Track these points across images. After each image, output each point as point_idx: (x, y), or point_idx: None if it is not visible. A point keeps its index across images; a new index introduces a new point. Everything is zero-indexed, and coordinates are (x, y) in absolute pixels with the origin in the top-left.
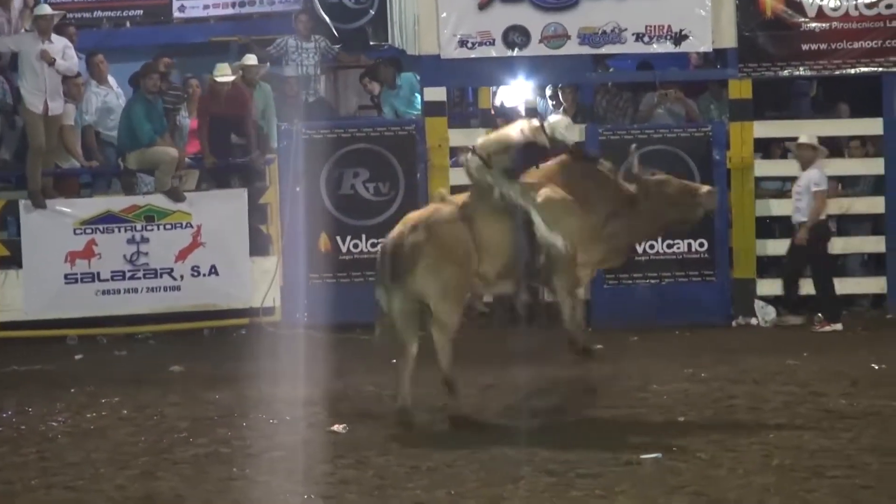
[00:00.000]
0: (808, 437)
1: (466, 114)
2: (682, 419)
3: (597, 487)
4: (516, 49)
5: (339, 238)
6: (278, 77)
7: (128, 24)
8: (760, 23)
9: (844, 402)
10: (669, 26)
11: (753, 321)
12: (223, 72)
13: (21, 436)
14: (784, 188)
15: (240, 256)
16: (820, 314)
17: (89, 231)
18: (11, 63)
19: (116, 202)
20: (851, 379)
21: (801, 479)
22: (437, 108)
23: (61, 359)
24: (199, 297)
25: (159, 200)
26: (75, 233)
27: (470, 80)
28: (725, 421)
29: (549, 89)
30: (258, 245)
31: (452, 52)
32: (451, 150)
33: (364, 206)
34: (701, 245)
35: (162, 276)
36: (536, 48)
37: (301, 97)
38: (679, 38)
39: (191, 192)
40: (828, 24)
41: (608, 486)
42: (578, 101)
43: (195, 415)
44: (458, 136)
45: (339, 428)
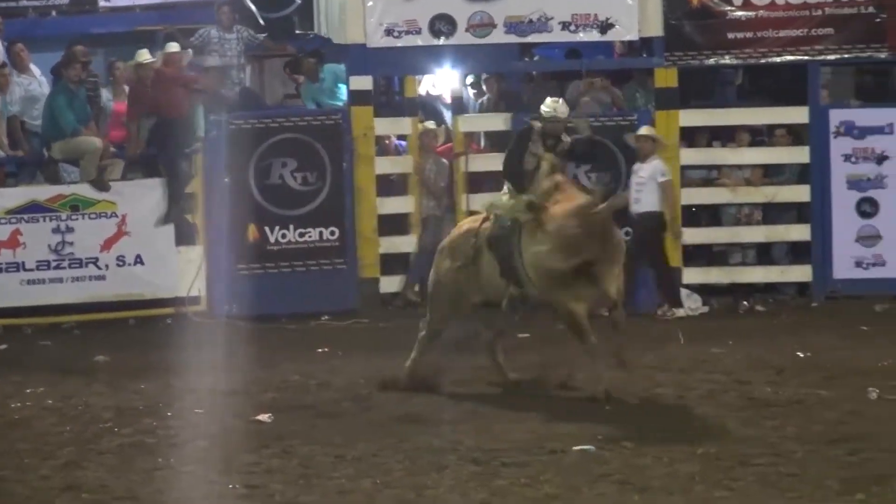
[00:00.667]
0: (733, 426)
1: (392, 103)
2: (607, 408)
3: (522, 476)
4: (442, 38)
5: (267, 228)
6: (200, 68)
7: (53, 13)
8: (686, 11)
9: (769, 391)
10: (596, 15)
11: (680, 312)
12: (143, 56)
13: None
14: (710, 176)
15: (165, 246)
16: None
17: (14, 221)
18: None
19: (41, 192)
20: (776, 367)
21: (726, 467)
22: (363, 98)
23: None
24: (125, 286)
25: (84, 190)
26: (0, 222)
27: (396, 69)
28: (651, 410)
29: (471, 78)
30: (184, 235)
31: (378, 40)
32: (376, 138)
33: (292, 196)
34: (626, 234)
35: (87, 266)
36: (463, 37)
37: (223, 88)
38: (605, 27)
39: (116, 182)
40: (754, 13)
41: (533, 475)
42: (504, 90)
43: (120, 405)
44: (383, 125)
45: (264, 417)
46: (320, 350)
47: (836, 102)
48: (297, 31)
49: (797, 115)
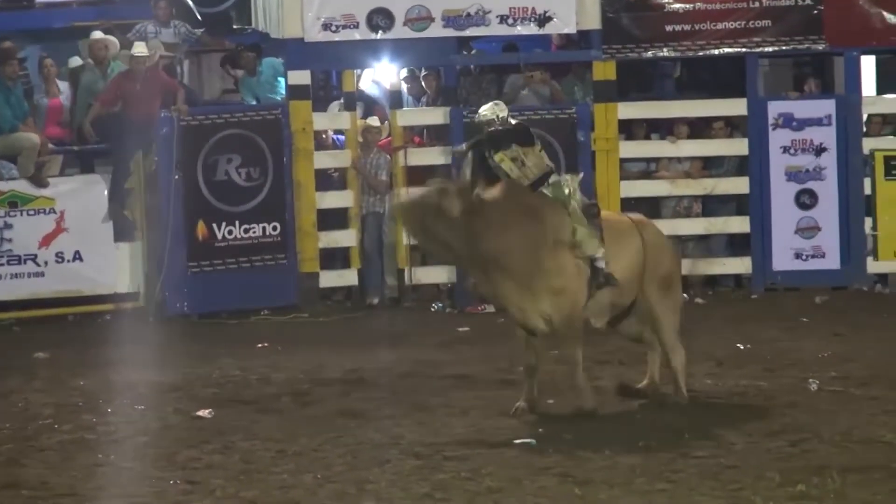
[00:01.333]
0: (674, 418)
1: (330, 97)
2: (549, 401)
3: (463, 470)
4: (380, 32)
5: (215, 225)
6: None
7: None
8: (624, 4)
9: (710, 383)
10: (533, 8)
11: None
12: (139, 49)
13: None
14: (649, 169)
15: (104, 242)
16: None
17: None
18: None
19: None
20: (717, 359)
21: (666, 459)
22: (301, 92)
23: None
24: (64, 283)
25: (22, 186)
26: None
27: (334, 64)
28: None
29: (405, 72)
30: (123, 231)
31: (316, 35)
32: (314, 133)
33: (237, 192)
34: None
35: (26, 263)
36: (400, 31)
37: None
38: (543, 20)
39: (54, 178)
40: (691, 5)
41: (475, 469)
42: (442, 84)
43: (60, 401)
44: (322, 120)
45: (204, 413)
46: (260, 345)
47: (775, 94)
48: (234, 26)
49: (735, 107)
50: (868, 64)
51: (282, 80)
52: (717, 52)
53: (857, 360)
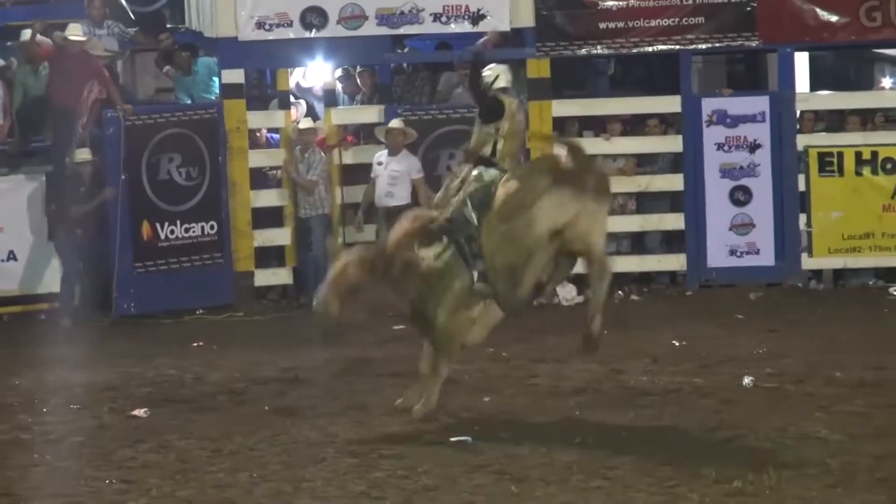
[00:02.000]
0: (610, 415)
1: (265, 96)
2: (486, 399)
3: (399, 468)
4: (314, 30)
5: (158, 225)
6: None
7: None
8: (557, 1)
9: (645, 380)
10: (467, 6)
11: (555, 300)
12: (75, 31)
13: None
14: None
15: (39, 242)
16: None
17: None
18: None
19: None
20: (652, 356)
21: (603, 456)
22: (234, 91)
23: None
24: None
25: None
26: None
27: (268, 62)
28: (528, 400)
29: (340, 71)
30: (58, 230)
31: (250, 33)
32: (249, 132)
33: (178, 192)
34: None
35: None
36: (334, 29)
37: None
38: (477, 18)
39: None
40: (625, 3)
41: (411, 467)
42: (378, 84)
43: None
44: (256, 119)
45: (140, 412)
46: (196, 344)
47: (708, 91)
48: (168, 25)
49: (670, 104)
50: (801, 61)
51: (216, 79)
52: (650, 49)
53: (792, 356)
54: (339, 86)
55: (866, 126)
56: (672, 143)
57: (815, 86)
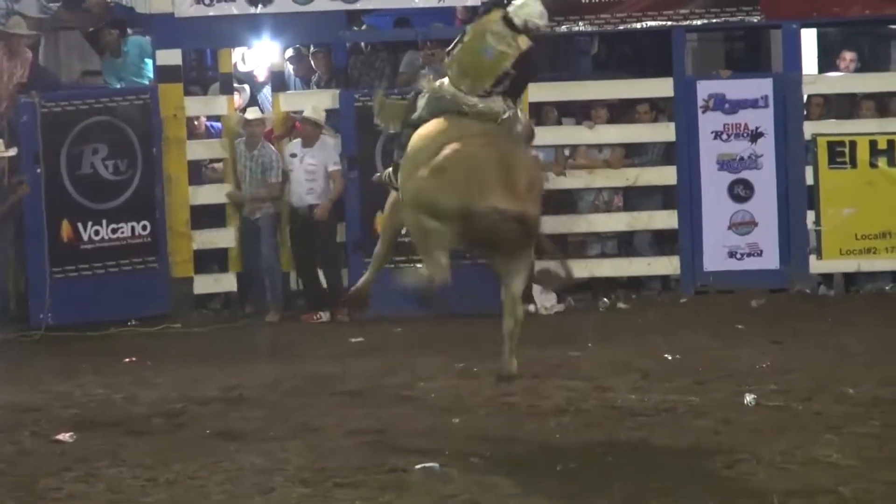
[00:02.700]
0: (596, 438)
1: (205, 80)
2: (455, 420)
3: (357, 498)
4: (260, 6)
5: (80, 224)
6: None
7: None
8: None
9: (634, 398)
10: None
11: (531, 308)
12: (18, 25)
13: None
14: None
15: None
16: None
17: None
18: None
19: None
20: (642, 371)
21: (588, 484)
22: (171, 74)
23: None
24: None
25: None
26: None
27: (208, 42)
28: (502, 421)
29: (291, 51)
30: None
31: (188, 9)
32: (188, 120)
33: (104, 187)
34: None
35: None
36: (283, 4)
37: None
38: None
39: None
40: None
41: (370, 497)
42: (335, 66)
43: None
44: (195, 105)
45: (65, 437)
46: (127, 360)
47: (705, 73)
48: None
49: (661, 87)
50: (809, 38)
51: (149, 61)
52: (639, 25)
53: (799, 370)
54: (290, 67)
55: (882, 112)
56: (663, 132)
57: (824, 67)
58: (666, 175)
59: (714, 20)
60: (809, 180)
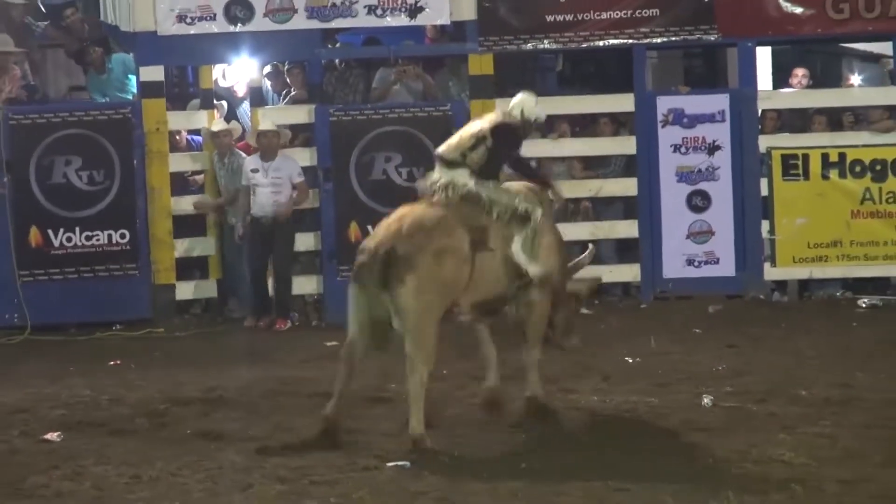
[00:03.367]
0: (558, 438)
1: (186, 94)
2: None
3: (332, 495)
4: (239, 24)
5: (51, 231)
6: None
7: None
8: None
9: (596, 399)
10: None
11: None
12: None
13: None
14: None
15: None
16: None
17: None
18: None
19: None
20: (603, 374)
21: (551, 482)
22: (154, 89)
23: None
24: None
25: None
26: None
27: (190, 59)
28: (470, 422)
29: (269, 67)
30: None
31: (170, 27)
32: (170, 133)
33: (77, 197)
34: None
35: None
36: (261, 23)
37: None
38: (414, 11)
39: None
40: None
41: (345, 494)
42: (311, 83)
43: None
44: (177, 119)
45: (52, 436)
46: (112, 363)
47: (664, 89)
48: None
49: (622, 102)
50: (763, 56)
51: (133, 77)
52: (601, 43)
53: (754, 373)
54: (268, 83)
55: (834, 126)
56: (625, 145)
57: (778, 83)
58: (627, 186)
59: (673, 38)
60: (764, 191)
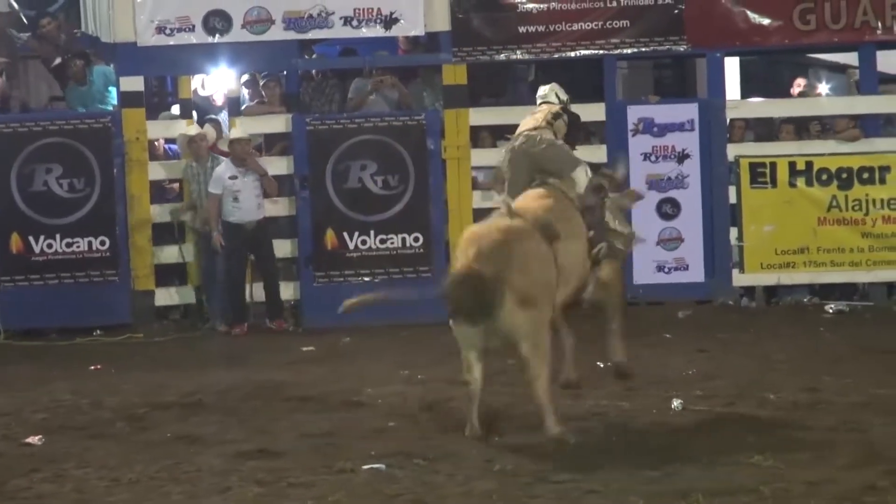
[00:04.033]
0: (531, 440)
1: (165, 104)
2: (399, 424)
3: (309, 498)
4: (217, 35)
5: (31, 238)
6: None
7: None
8: (475, 4)
9: (569, 403)
10: (379, 9)
11: None
12: None
13: None
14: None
15: None
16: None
17: None
18: None
19: None
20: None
21: (524, 484)
22: (133, 99)
23: None
24: None
25: None
26: None
27: (169, 69)
28: (444, 425)
29: (247, 77)
30: None
31: (150, 38)
32: (149, 142)
33: (58, 204)
34: (416, 240)
35: None
36: (239, 34)
37: None
38: (389, 22)
39: None
40: (545, 5)
41: (321, 496)
42: (285, 94)
43: None
44: (156, 128)
45: (34, 440)
46: (93, 367)
47: (634, 99)
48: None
49: (593, 112)
50: (731, 66)
51: (113, 89)
52: (573, 54)
53: (723, 377)
54: (245, 92)
55: (801, 135)
56: (596, 154)
57: (746, 93)
58: None
59: (643, 49)
60: (732, 199)
